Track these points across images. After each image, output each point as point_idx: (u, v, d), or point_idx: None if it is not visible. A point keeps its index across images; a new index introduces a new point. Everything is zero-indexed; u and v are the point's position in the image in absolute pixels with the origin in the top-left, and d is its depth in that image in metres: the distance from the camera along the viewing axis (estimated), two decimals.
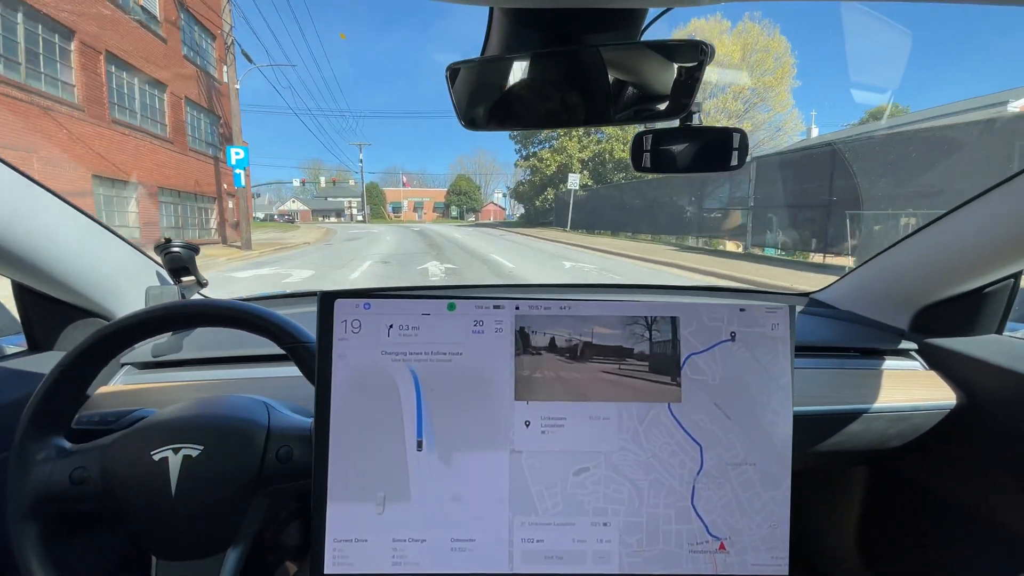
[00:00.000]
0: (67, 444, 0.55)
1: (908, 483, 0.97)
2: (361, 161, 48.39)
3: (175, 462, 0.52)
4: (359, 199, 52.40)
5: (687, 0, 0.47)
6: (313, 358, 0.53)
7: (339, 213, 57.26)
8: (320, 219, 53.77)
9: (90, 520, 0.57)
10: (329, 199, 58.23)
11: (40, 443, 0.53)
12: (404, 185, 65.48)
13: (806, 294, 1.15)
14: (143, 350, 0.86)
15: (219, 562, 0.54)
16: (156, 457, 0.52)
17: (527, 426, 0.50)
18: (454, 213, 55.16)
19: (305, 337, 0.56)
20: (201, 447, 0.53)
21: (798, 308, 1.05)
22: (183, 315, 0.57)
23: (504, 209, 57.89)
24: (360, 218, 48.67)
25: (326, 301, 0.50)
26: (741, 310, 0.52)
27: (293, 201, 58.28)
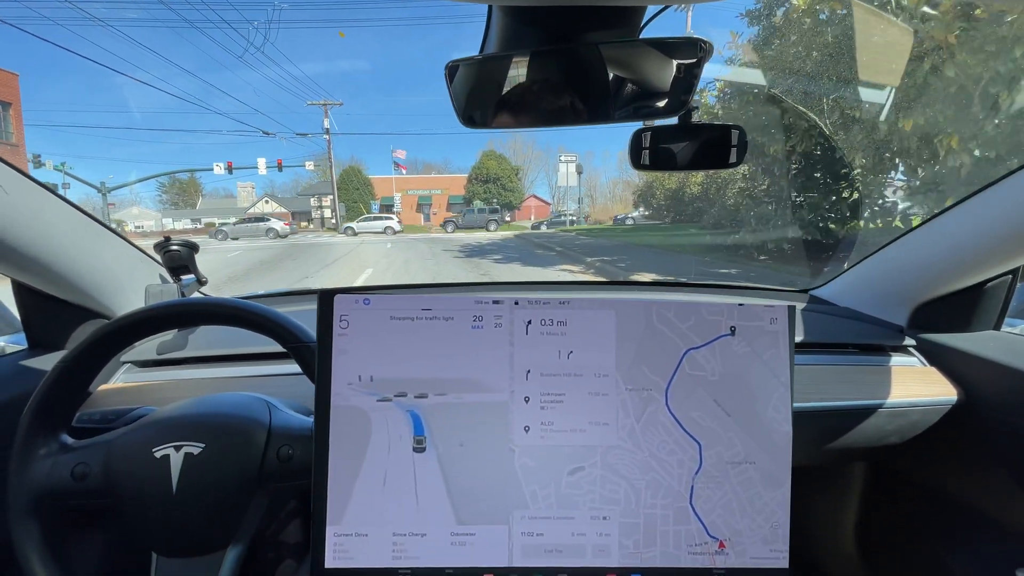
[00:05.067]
0: (69, 440, 0.55)
1: (907, 479, 0.97)
2: (327, 133, 29.24)
3: (176, 460, 0.53)
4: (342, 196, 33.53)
5: None
6: (315, 358, 0.53)
7: (310, 217, 36.96)
8: (304, 223, 36.69)
9: (91, 516, 0.57)
10: (320, 196, 36.53)
11: (42, 439, 0.53)
12: (399, 168, 35.97)
13: (805, 290, 1.15)
14: (146, 348, 0.86)
15: (219, 560, 0.54)
16: (158, 455, 0.53)
17: (524, 422, 0.50)
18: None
19: (307, 337, 0.56)
20: (203, 445, 0.53)
21: (798, 305, 1.05)
22: (185, 313, 0.57)
23: (548, 204, 39.22)
24: (334, 222, 31.59)
25: (325, 298, 0.51)
26: (740, 305, 0.52)
27: (267, 201, 39.65)
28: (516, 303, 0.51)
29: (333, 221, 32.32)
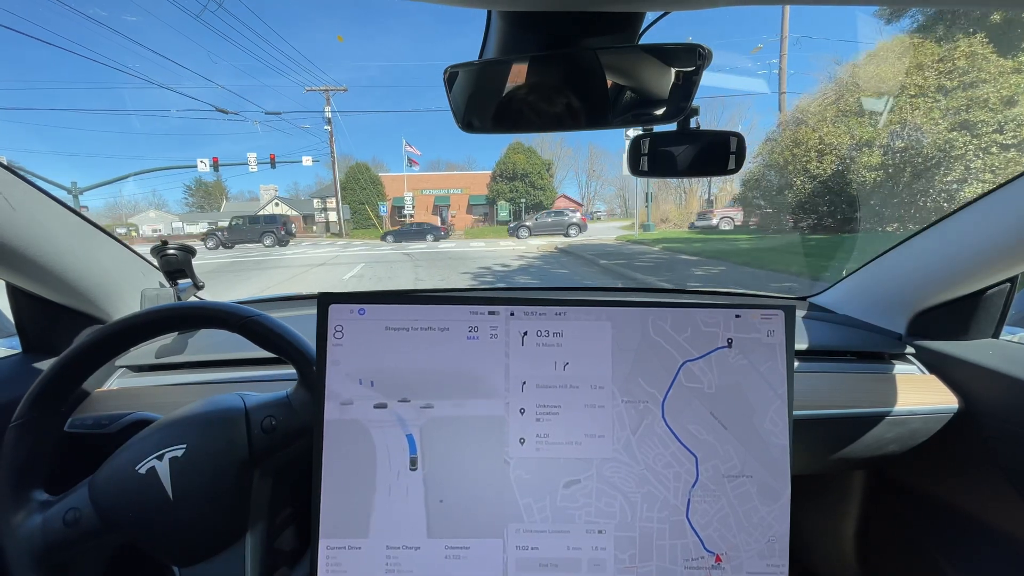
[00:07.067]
0: (48, 496, 0.54)
1: (906, 488, 0.97)
2: (329, 124, 25.59)
3: (163, 468, 0.52)
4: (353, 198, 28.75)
5: (685, 4, 0.47)
6: (267, 330, 0.55)
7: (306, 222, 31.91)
8: (316, 228, 32.52)
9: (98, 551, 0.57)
10: (324, 198, 31.53)
11: (20, 502, 0.52)
12: (411, 164, 28.81)
13: (803, 298, 1.15)
14: (143, 352, 0.86)
15: (240, 552, 0.54)
16: (143, 470, 0.52)
17: (520, 434, 0.50)
18: (503, 213, 29.21)
19: (246, 312, 0.56)
20: (184, 445, 0.53)
21: (797, 313, 1.05)
22: (142, 324, 0.56)
23: (580, 204, 33.64)
24: (339, 226, 27.31)
25: (323, 304, 0.50)
26: (737, 316, 0.52)
27: (276, 204, 35.04)
28: (512, 313, 0.51)
29: (339, 226, 28.12)
